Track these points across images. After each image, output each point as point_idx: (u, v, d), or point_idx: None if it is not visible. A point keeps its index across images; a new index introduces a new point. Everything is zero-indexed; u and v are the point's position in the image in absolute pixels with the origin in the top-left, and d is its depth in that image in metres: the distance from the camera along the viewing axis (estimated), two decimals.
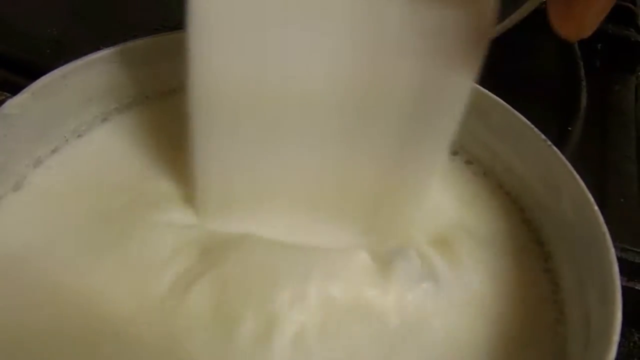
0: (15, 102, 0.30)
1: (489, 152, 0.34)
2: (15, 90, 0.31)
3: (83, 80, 0.33)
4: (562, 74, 0.49)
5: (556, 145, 0.31)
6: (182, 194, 0.31)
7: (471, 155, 0.35)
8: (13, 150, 0.31)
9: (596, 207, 0.28)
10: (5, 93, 0.39)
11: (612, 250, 0.26)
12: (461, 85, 0.26)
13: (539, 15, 0.52)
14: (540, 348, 0.27)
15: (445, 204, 0.33)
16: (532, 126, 0.32)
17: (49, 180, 0.31)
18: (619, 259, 0.26)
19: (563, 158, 0.30)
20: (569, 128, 0.43)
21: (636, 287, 0.34)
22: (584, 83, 0.47)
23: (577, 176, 0.29)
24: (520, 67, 0.50)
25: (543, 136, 0.31)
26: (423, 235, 0.31)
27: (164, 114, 0.36)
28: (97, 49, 0.33)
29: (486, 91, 0.33)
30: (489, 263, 0.30)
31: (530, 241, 0.32)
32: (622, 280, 0.25)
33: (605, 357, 0.22)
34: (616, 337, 0.23)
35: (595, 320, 0.26)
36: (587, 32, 0.22)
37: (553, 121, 0.44)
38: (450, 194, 0.33)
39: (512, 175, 0.34)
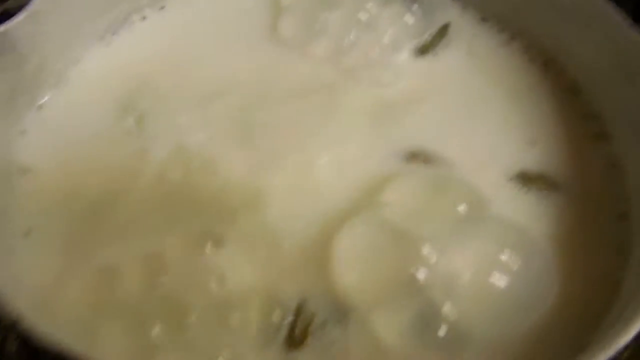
0: None
1: (552, 36, 0.30)
2: None
3: None
4: None
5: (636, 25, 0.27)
6: None
7: (532, 40, 0.31)
8: (47, 49, 0.29)
9: None
10: None
11: None
12: None
13: None
14: (604, 242, 0.26)
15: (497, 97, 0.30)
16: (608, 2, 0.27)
17: (86, 76, 0.30)
18: None
19: None
20: None
21: None
22: None
23: None
24: None
25: (621, 15, 0.27)
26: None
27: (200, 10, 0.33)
28: None
29: None
30: (546, 160, 0.28)
31: (593, 137, 0.28)
32: None
33: None
34: None
35: None
36: None
37: None
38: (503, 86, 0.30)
39: (577, 62, 0.30)
